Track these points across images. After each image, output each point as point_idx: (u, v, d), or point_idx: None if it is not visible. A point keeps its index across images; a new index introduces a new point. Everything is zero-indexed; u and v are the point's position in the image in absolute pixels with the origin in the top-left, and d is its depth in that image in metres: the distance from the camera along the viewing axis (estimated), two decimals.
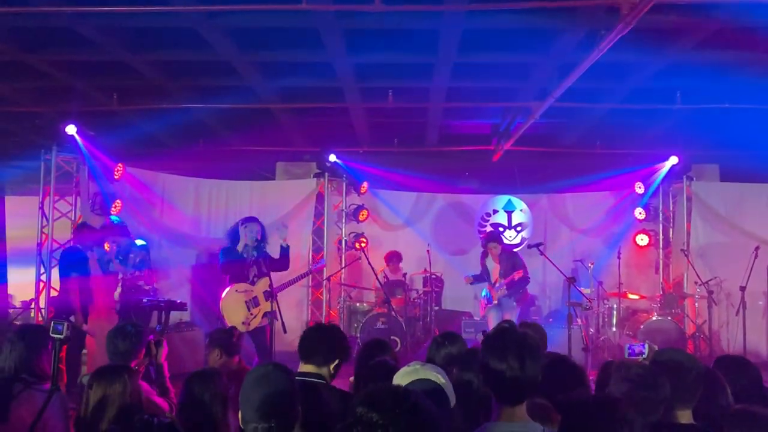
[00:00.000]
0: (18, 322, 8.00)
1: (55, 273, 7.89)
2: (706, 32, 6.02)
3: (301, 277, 7.46)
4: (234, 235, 6.58)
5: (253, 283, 6.51)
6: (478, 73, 7.41)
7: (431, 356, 3.46)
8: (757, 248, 8.65)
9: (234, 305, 6.44)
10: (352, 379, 3.57)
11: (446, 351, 3.43)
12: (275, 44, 6.75)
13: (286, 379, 2.36)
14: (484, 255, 8.48)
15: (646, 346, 3.34)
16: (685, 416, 2.86)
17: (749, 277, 8.45)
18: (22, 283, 8.78)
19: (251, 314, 6.44)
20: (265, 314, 6.42)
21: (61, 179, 8.18)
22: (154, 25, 6.17)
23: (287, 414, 2.32)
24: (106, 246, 7.05)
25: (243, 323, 6.32)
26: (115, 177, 8.32)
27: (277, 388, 2.29)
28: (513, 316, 8.04)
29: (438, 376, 2.26)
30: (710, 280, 9.10)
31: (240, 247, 6.50)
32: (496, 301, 8.19)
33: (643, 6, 4.57)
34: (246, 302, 6.45)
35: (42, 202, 8.06)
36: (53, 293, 7.88)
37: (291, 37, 6.54)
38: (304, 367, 3.23)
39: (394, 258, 10.24)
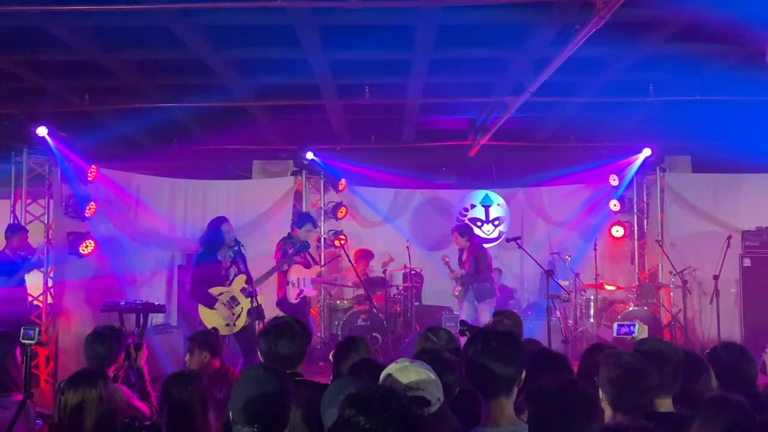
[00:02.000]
0: None
1: (29, 279, 7.73)
2: (678, 25, 6.11)
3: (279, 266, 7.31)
4: (213, 239, 6.44)
5: (229, 284, 6.42)
6: (454, 69, 7.43)
7: (419, 353, 3.44)
8: (729, 237, 8.84)
9: (212, 309, 6.33)
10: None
11: (435, 347, 3.40)
12: (250, 42, 6.69)
13: (276, 382, 2.30)
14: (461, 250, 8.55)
15: (637, 325, 3.21)
16: (664, 404, 2.89)
17: (722, 265, 8.61)
18: None
19: (233, 314, 6.33)
20: (249, 312, 6.32)
21: (33, 182, 7.99)
22: (127, 24, 6.06)
23: (274, 417, 2.26)
24: None
25: (226, 325, 6.24)
26: (89, 179, 8.14)
27: (265, 390, 2.24)
28: (483, 311, 8.05)
29: (428, 373, 2.27)
30: (684, 269, 9.23)
31: (220, 254, 6.39)
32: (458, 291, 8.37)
33: (616, 0, 4.62)
34: (224, 304, 6.34)
35: (13, 206, 7.87)
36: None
37: (266, 35, 6.48)
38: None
39: (365, 256, 10.19)
